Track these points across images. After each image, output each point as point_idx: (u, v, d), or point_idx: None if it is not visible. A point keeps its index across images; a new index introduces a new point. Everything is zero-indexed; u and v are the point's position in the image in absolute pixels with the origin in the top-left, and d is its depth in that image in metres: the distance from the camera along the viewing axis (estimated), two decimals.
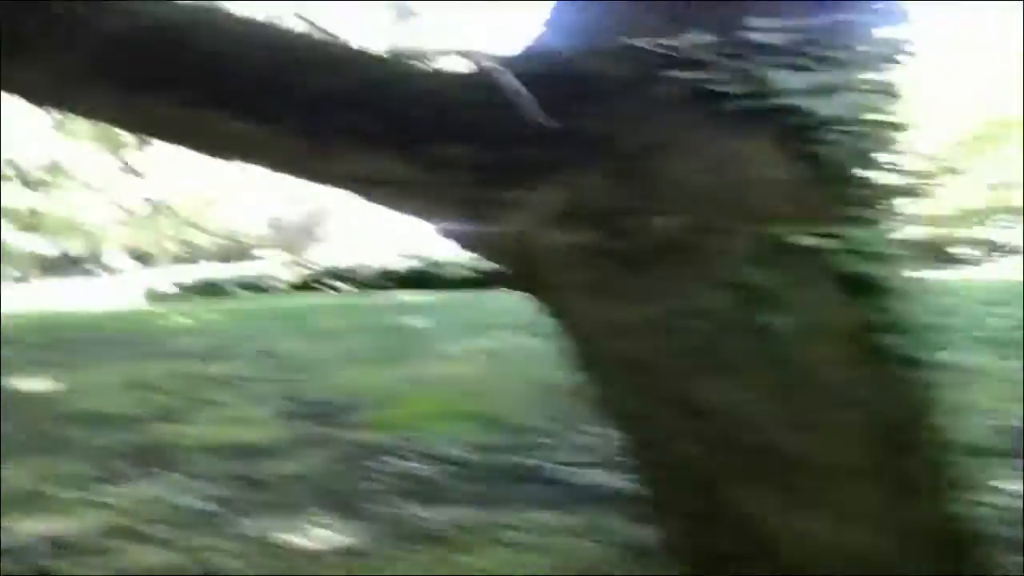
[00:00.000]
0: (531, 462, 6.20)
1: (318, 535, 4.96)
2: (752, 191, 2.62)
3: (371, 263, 26.30)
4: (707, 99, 2.60)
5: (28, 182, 18.02)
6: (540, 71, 2.70)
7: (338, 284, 25.17)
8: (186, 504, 5.61)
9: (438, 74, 2.78)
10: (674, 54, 2.62)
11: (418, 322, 16.36)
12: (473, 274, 24.28)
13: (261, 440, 7.33)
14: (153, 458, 6.89)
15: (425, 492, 5.67)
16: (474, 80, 2.72)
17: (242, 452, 6.94)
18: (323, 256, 31.11)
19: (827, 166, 2.65)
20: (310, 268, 26.23)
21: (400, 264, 25.56)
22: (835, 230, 2.59)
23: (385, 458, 6.46)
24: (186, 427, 8.03)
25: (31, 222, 18.19)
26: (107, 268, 45.62)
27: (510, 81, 2.61)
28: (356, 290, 24.85)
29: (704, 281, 2.59)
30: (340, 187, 2.88)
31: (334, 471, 6.25)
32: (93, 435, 7.70)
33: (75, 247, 25.23)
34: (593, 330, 2.68)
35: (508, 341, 13.21)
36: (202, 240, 36.83)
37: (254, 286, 25.45)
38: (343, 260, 27.67)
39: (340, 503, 5.51)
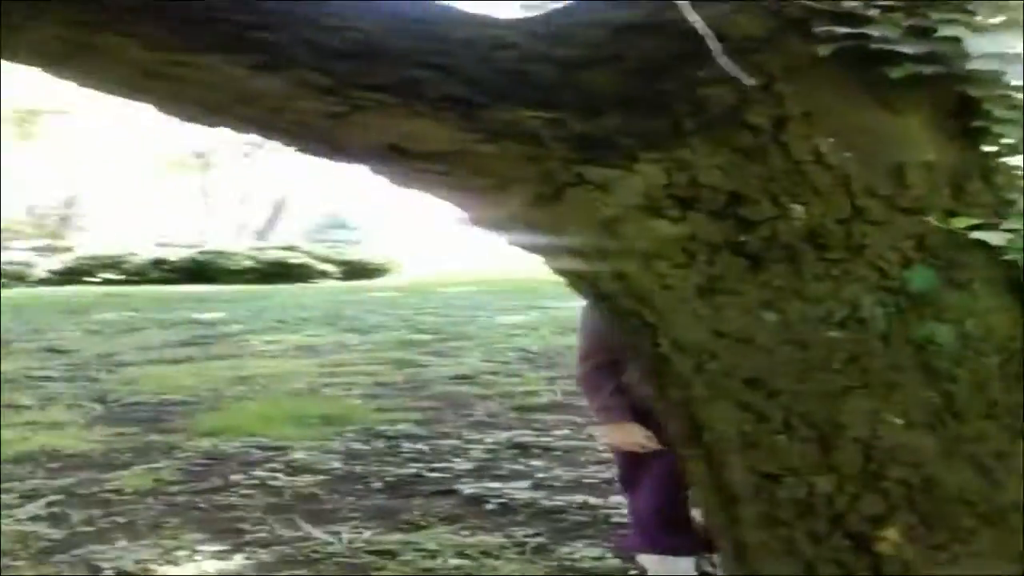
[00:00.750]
0: (423, 473, 5.56)
1: (197, 565, 4.19)
2: (910, 175, 2.10)
3: (140, 252, 24.84)
4: (861, 62, 2.06)
5: None
6: (647, 21, 2.10)
7: (107, 275, 23.62)
8: (13, 529, 4.71)
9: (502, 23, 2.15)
10: (822, 5, 2.06)
11: (212, 316, 15.41)
12: (257, 265, 23.38)
13: (84, 449, 6.42)
14: None
15: (313, 510, 4.96)
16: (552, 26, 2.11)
17: (68, 464, 6.04)
18: (85, 244, 29.34)
19: (997, 148, 2.17)
20: (75, 257, 24.53)
21: (175, 254, 24.25)
22: (1006, 224, 2.09)
23: (247, 469, 5.70)
24: None
25: None
26: None
27: (699, 22, 1.98)
28: (125, 280, 23.38)
29: (849, 282, 2.04)
30: (366, 162, 2.19)
31: (190, 486, 5.44)
32: None
33: None
34: (703, 341, 2.07)
35: (316, 336, 12.54)
36: None
37: (14, 275, 23.62)
38: (108, 248, 26.06)
39: (211, 524, 4.75)
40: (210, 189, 46.62)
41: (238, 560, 4.22)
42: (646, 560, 3.77)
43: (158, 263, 23.51)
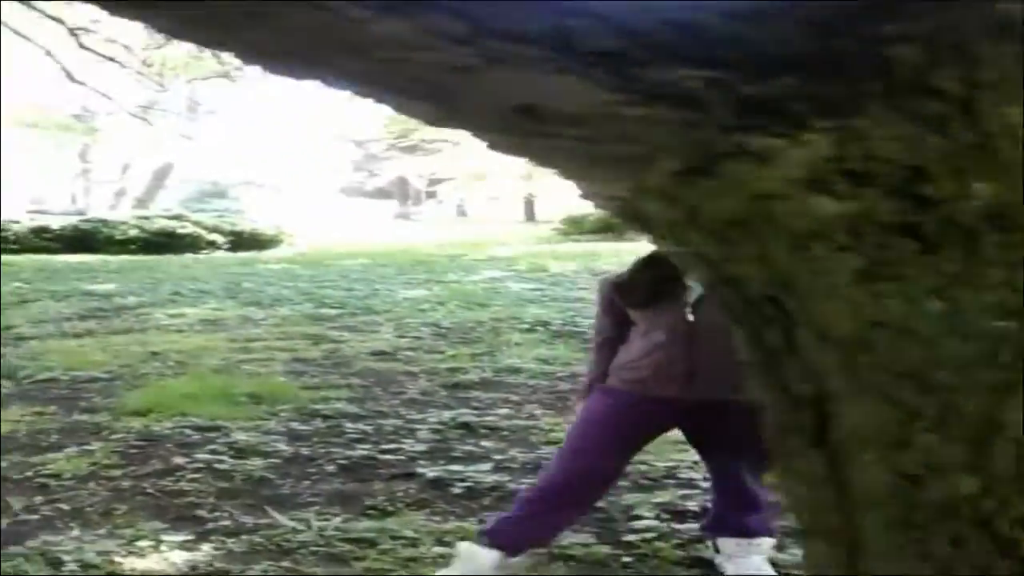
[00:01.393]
0: (375, 455, 5.42)
1: (163, 556, 4.01)
2: None
3: (21, 220, 23.95)
4: None
5: None
6: None
7: None
8: None
9: None
10: None
11: (104, 288, 14.94)
12: (143, 235, 22.73)
13: (6, 431, 6.11)
14: None
15: (269, 495, 4.79)
16: None
17: None
18: None
19: None
20: None
21: (57, 222, 23.42)
22: None
23: (187, 452, 5.49)
24: None
25: None
26: None
27: None
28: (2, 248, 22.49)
29: None
30: (480, 125, 2.00)
31: (131, 470, 5.21)
32: None
33: None
34: (856, 331, 1.96)
35: (219, 310, 12.24)
36: None
37: None
38: None
39: (165, 511, 4.56)
40: (88, 155, 45.36)
41: (207, 550, 4.05)
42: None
43: (39, 231, 22.67)
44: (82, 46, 16.79)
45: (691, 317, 3.40)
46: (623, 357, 3.57)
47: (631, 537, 4.07)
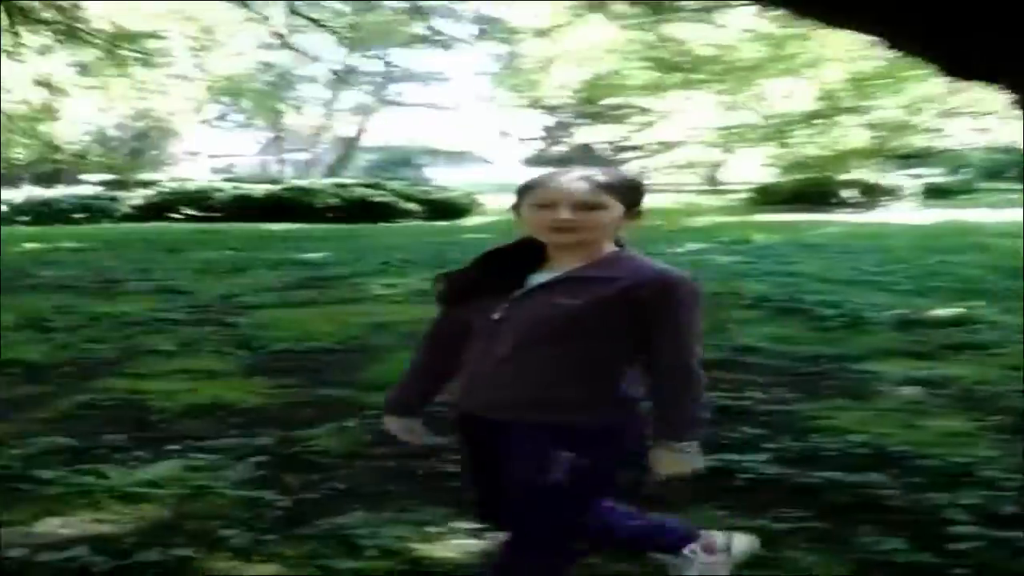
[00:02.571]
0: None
1: (451, 542, 3.92)
2: None
3: (224, 188, 24.59)
4: None
5: None
6: None
7: (189, 210, 23.41)
8: (236, 494, 4.45)
9: None
10: None
11: (314, 256, 15.19)
12: (341, 203, 23.04)
13: (256, 403, 6.18)
14: (130, 424, 5.70)
15: None
16: None
17: (249, 420, 5.78)
18: (159, 177, 29.15)
19: None
20: (158, 192, 24.28)
21: (259, 190, 23.93)
22: None
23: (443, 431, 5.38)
24: (141, 382, 6.78)
25: None
26: None
27: None
28: (205, 217, 23.12)
29: None
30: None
31: (393, 448, 5.13)
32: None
33: None
34: None
35: (429, 279, 12.19)
36: (21, 156, 34.02)
37: (94, 210, 23.45)
38: (189, 184, 25.87)
39: (444, 496, 4.45)
40: (279, 124, 46.47)
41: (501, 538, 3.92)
42: None
43: (241, 199, 23.23)
44: (294, 11, 17.05)
45: (497, 316, 2.79)
46: None
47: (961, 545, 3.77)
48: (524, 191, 2.79)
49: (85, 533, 4.00)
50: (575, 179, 2.73)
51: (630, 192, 2.80)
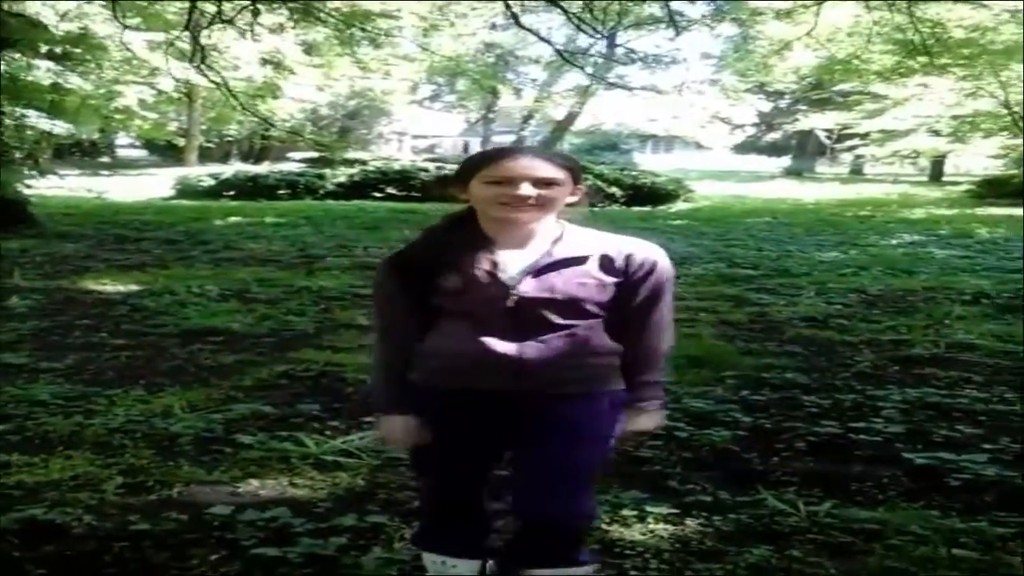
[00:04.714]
0: (844, 433, 5.02)
1: (644, 526, 3.78)
2: None
3: (424, 167, 24.86)
4: None
5: (55, 55, 16.31)
6: None
7: (390, 189, 23.75)
8: None
9: None
10: None
11: None
12: None
13: None
14: (326, 394, 5.75)
15: (741, 470, 4.49)
16: None
17: None
18: (364, 156, 29.71)
19: None
20: (363, 170, 24.69)
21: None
22: None
23: None
24: (337, 354, 6.86)
25: (53, 100, 16.48)
26: (118, 156, 44.29)
27: None
28: (405, 196, 23.38)
29: None
30: None
31: None
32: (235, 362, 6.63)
33: (91, 131, 23.40)
34: None
35: None
36: (234, 133, 35.25)
37: (299, 186, 24.01)
38: (394, 164, 26.25)
39: (635, 479, 4.31)
40: (491, 105, 46.88)
41: (693, 526, 3.79)
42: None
43: (443, 180, 23.38)
44: None
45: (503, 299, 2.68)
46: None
47: None
48: (474, 166, 2.72)
49: (283, 495, 4.02)
50: (534, 155, 2.72)
51: (576, 170, 2.77)
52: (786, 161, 49.59)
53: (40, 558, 3.38)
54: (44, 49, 15.99)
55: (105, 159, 42.99)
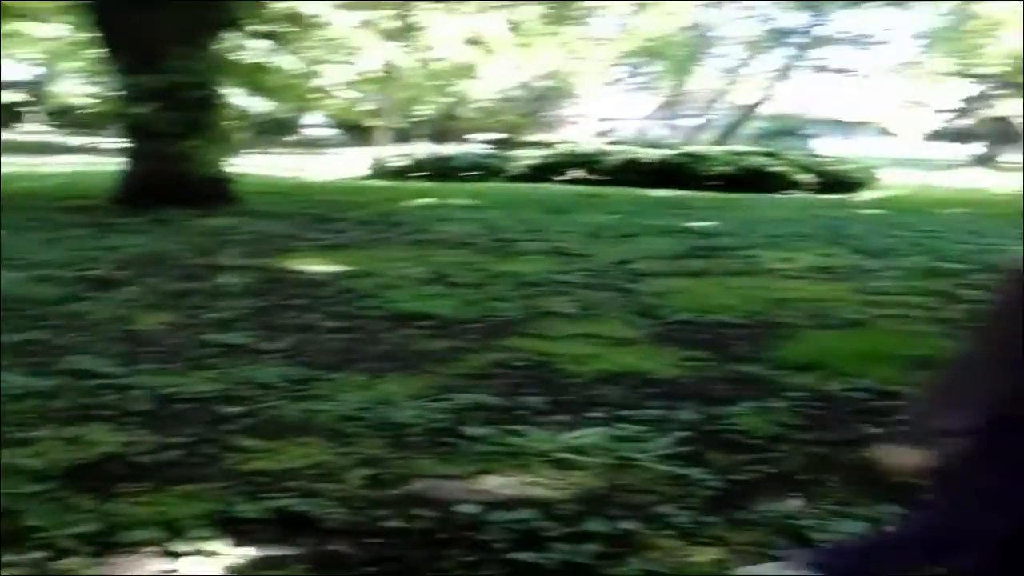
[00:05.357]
0: None
1: None
2: None
3: (610, 151, 24.71)
4: None
5: (260, 33, 16.70)
6: None
7: (576, 173, 23.69)
8: (659, 468, 4.30)
9: None
10: None
11: (702, 225, 14.94)
12: (733, 171, 22.62)
13: (670, 375, 6.02)
14: (543, 385, 5.67)
15: None
16: None
17: (663, 390, 5.64)
18: (548, 138, 29.73)
19: None
20: (553, 153, 24.71)
21: (649, 155, 23.82)
22: None
23: (874, 419, 5.05)
24: (547, 343, 6.77)
25: (253, 77, 16.84)
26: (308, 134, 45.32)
27: None
28: (593, 180, 23.28)
29: None
30: None
31: (818, 434, 4.87)
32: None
33: (291, 109, 23.95)
34: None
35: (825, 255, 11.72)
36: (426, 112, 35.61)
37: (486, 168, 24.16)
38: (575, 146, 26.20)
39: (881, 490, 4.10)
40: (681, 88, 46.37)
41: None
42: None
43: (630, 164, 23.26)
44: None
45: None
46: None
47: None
48: None
49: (524, 495, 3.96)
50: None
51: None
52: (974, 149, 47.64)
53: (299, 553, 3.39)
54: (255, 28, 16.40)
55: (291, 137, 44.05)
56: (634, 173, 22.91)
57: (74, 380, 5.50)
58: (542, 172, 23.94)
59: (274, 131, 40.23)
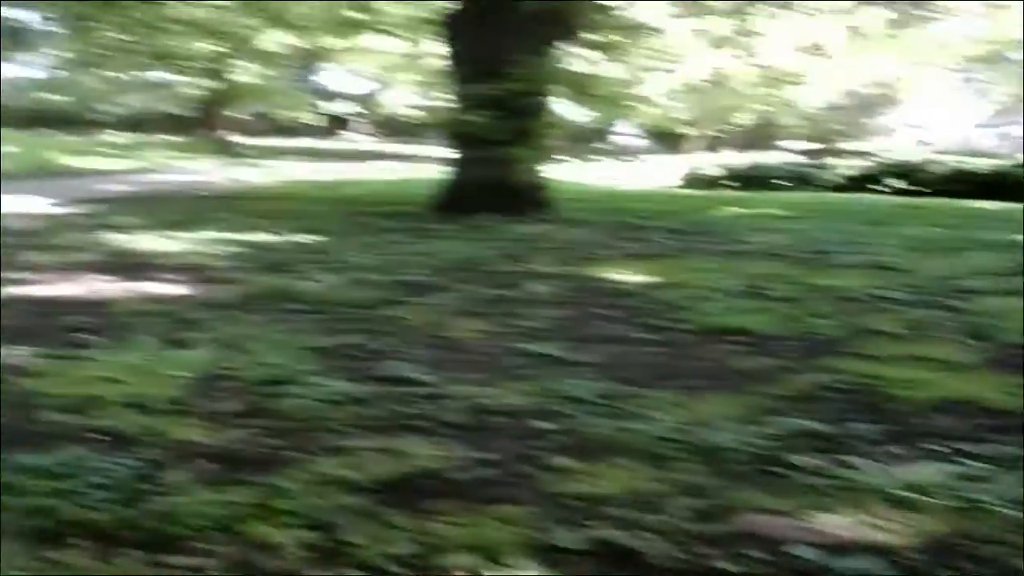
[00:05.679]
0: None
1: None
2: None
3: (937, 160, 23.52)
4: None
5: (593, 42, 16.73)
6: None
7: (895, 183, 22.67)
8: (1014, 515, 3.84)
9: None
10: None
11: None
12: None
13: (995, 399, 5.48)
14: (872, 412, 5.25)
15: None
16: None
17: (1004, 423, 5.10)
18: (867, 148, 28.64)
19: None
20: (874, 163, 23.81)
21: (981, 165, 22.52)
22: None
23: None
24: (874, 365, 6.31)
25: (581, 86, 16.83)
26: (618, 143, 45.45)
27: None
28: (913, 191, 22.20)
29: None
30: None
31: None
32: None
33: (611, 119, 24.03)
34: None
35: None
36: (745, 121, 35.08)
37: (804, 178, 23.47)
38: (896, 155, 25.10)
39: None
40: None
41: None
42: None
43: (957, 175, 22.01)
44: None
45: None
46: None
47: None
48: None
49: (862, 537, 3.59)
50: None
51: None
52: None
53: None
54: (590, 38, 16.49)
55: (600, 144, 44.30)
56: (960, 184, 21.64)
57: (388, 387, 5.49)
58: (860, 182, 23.04)
59: (585, 138, 40.60)
